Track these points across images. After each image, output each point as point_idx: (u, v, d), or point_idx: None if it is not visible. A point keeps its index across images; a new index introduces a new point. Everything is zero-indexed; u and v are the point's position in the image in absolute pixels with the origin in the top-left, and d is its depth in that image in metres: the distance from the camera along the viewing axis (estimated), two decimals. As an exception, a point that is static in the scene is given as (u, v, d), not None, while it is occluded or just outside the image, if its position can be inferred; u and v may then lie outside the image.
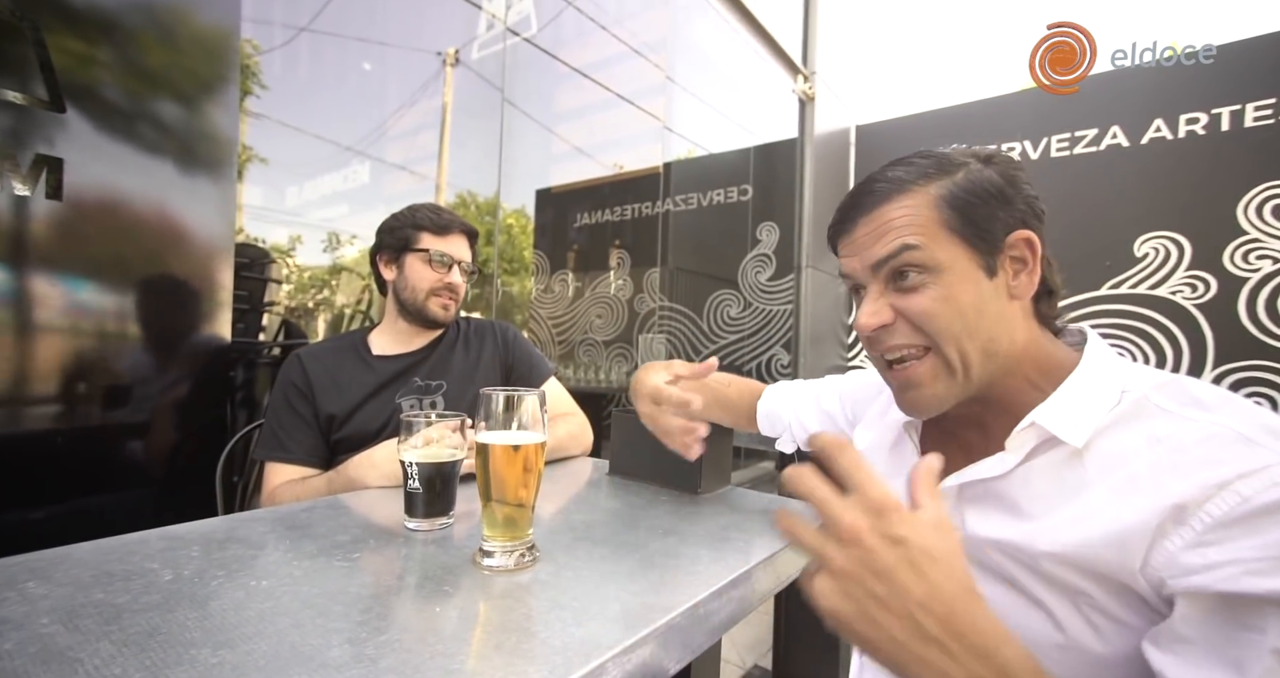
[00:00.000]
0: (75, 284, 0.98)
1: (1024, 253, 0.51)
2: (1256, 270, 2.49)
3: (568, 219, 3.98)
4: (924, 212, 0.51)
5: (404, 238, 1.14)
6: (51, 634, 0.42)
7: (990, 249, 0.51)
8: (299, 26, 2.12)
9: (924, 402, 0.54)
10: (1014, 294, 0.52)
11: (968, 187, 0.51)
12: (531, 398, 0.60)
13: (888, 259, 0.52)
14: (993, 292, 0.51)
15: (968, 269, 0.50)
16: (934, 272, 0.51)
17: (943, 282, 0.50)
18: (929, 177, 0.52)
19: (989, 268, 0.51)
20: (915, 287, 0.51)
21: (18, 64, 0.88)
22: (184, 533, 0.65)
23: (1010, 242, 0.51)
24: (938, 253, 0.50)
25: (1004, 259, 0.51)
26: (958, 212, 0.51)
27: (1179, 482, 0.41)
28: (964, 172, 0.52)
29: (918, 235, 0.51)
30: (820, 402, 0.83)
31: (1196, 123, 2.65)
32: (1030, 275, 0.52)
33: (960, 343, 0.51)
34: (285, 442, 1.03)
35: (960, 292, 0.50)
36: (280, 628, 0.44)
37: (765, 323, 3.92)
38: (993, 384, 0.53)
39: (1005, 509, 0.50)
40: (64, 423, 0.97)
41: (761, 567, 0.62)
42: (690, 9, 3.31)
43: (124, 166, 1.02)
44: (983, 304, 0.50)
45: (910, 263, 0.51)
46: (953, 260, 0.50)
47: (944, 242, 0.51)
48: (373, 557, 0.61)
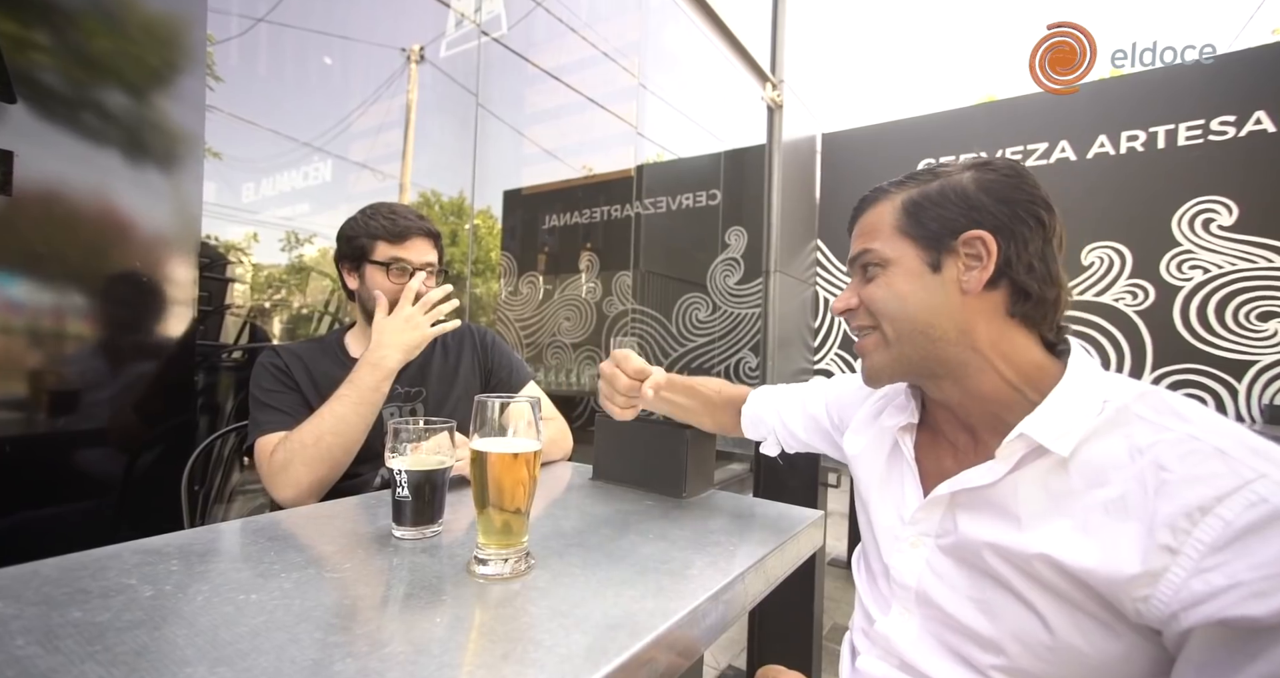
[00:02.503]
0: (27, 284, 0.92)
1: (978, 250, 0.55)
2: (1189, 279, 2.67)
3: (536, 221, 3.95)
4: (886, 217, 0.61)
5: (360, 248, 1.09)
6: (30, 657, 0.40)
7: (935, 246, 0.57)
8: (256, 17, 2.05)
9: (871, 369, 0.63)
10: (963, 288, 0.56)
11: (930, 192, 0.58)
12: (527, 405, 0.60)
13: (856, 257, 0.63)
14: (937, 284, 0.57)
15: (912, 264, 0.58)
16: (883, 266, 0.60)
17: (888, 273, 0.60)
18: (903, 186, 0.61)
19: (933, 263, 0.57)
20: (873, 278, 0.61)
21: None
22: (160, 546, 0.62)
23: (962, 239, 0.56)
24: (887, 251, 0.60)
25: (954, 256, 0.56)
26: (909, 215, 0.59)
27: (1167, 505, 0.44)
28: (941, 180, 0.58)
29: (876, 239, 0.61)
30: (806, 406, 0.85)
31: (1136, 140, 2.83)
32: (982, 272, 0.55)
33: (896, 324, 0.59)
34: (283, 408, 0.99)
35: (900, 282, 0.59)
36: (278, 643, 0.43)
37: (734, 326, 3.98)
38: (961, 375, 0.57)
39: (997, 514, 0.53)
40: (14, 430, 0.92)
41: (753, 571, 0.64)
42: (662, 14, 3.34)
43: (77, 160, 0.97)
44: (922, 293, 0.58)
45: (869, 261, 0.61)
46: (900, 257, 0.59)
47: (894, 241, 0.59)
48: (363, 567, 0.60)
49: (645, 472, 0.96)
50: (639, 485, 0.96)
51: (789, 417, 0.87)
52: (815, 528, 0.84)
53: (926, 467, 0.63)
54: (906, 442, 0.64)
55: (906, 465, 0.63)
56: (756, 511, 0.87)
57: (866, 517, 0.68)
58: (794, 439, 0.88)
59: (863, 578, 0.69)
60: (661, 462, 0.94)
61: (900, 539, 0.61)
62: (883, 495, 0.66)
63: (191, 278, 1.14)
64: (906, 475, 0.63)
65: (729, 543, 0.71)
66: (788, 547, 0.74)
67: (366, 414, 0.96)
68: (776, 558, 0.70)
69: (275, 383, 1.04)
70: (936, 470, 0.61)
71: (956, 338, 0.56)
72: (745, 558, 0.65)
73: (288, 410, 1.00)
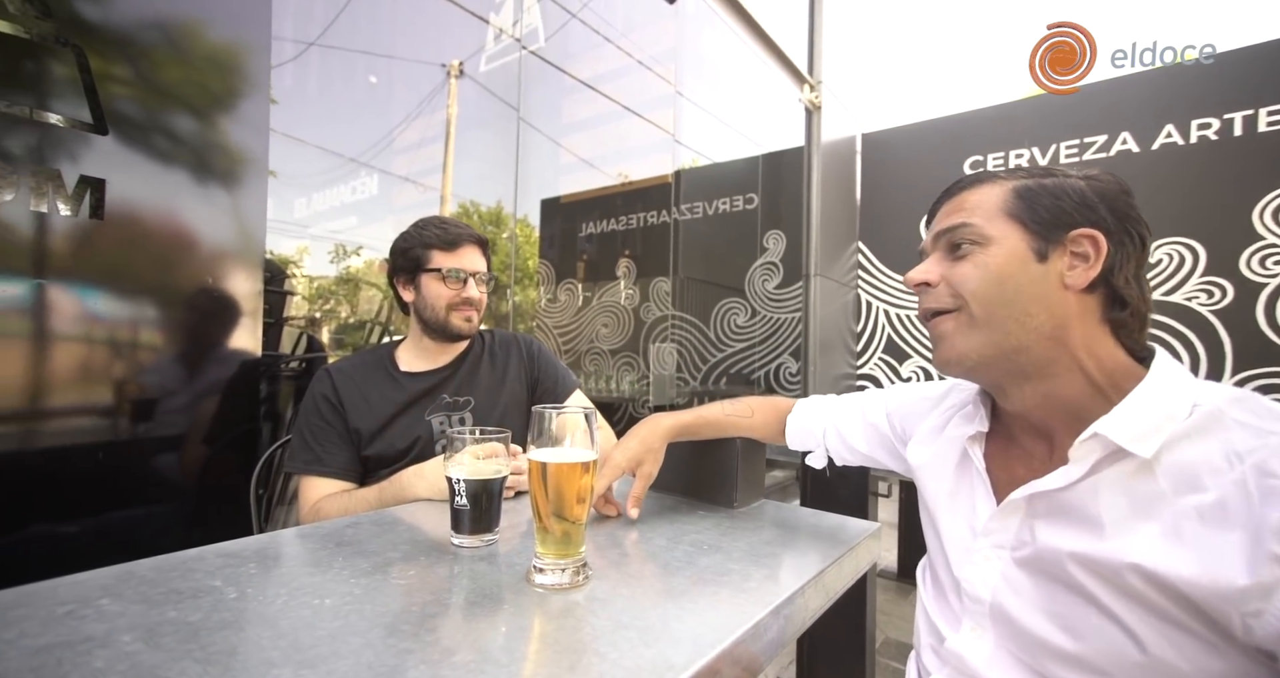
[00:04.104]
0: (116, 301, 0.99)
1: (1086, 249, 0.54)
2: (1274, 276, 2.49)
3: (574, 228, 4.00)
4: (993, 197, 0.58)
5: (416, 258, 1.14)
6: (136, 653, 0.43)
7: (1046, 236, 0.55)
8: (308, 41, 2.16)
9: (952, 351, 0.59)
10: (1066, 283, 0.54)
11: (1046, 184, 0.57)
12: (583, 415, 0.61)
13: (947, 231, 0.60)
14: (1040, 273, 0.55)
15: (1016, 247, 0.56)
16: (983, 244, 0.57)
17: (987, 252, 0.57)
18: (1014, 174, 0.59)
19: (1040, 251, 0.55)
20: (964, 255, 0.58)
21: (58, 87, 0.90)
22: (238, 550, 0.66)
23: (1072, 236, 0.55)
24: (990, 229, 0.57)
25: (1061, 250, 0.55)
26: (1023, 200, 0.57)
27: (1277, 512, 0.41)
28: (1055, 178, 0.57)
29: (976, 215, 0.58)
30: (866, 415, 0.83)
31: (1209, 128, 2.66)
32: (1088, 271, 0.54)
33: (990, 306, 0.56)
34: (321, 455, 1.04)
35: (1000, 263, 0.56)
36: (354, 648, 0.45)
37: (773, 331, 3.93)
38: (1046, 376, 0.55)
39: (1079, 522, 0.50)
40: (104, 436, 0.98)
41: (812, 584, 0.62)
42: (698, 20, 3.35)
43: (159, 185, 1.04)
44: (1023, 279, 0.55)
45: (964, 236, 0.58)
46: (1003, 237, 0.56)
47: (1000, 221, 0.57)
48: (427, 574, 0.61)
49: (695, 481, 0.95)
50: (688, 495, 0.96)
51: (846, 428, 0.85)
52: (873, 541, 0.82)
53: (998, 477, 0.60)
54: (976, 451, 0.62)
55: (977, 476, 0.61)
56: (810, 522, 0.86)
57: (934, 529, 0.66)
58: (851, 452, 0.85)
59: (929, 593, 0.67)
60: (712, 471, 0.93)
61: (971, 551, 0.59)
62: (952, 507, 0.64)
63: (256, 291, 1.20)
64: (977, 486, 0.61)
65: (785, 555, 0.69)
66: (845, 561, 0.72)
67: (389, 503, 0.97)
68: (835, 572, 0.69)
69: (320, 419, 1.08)
70: (1009, 481, 0.59)
71: (1050, 331, 0.54)
72: (803, 571, 0.64)
73: (325, 460, 1.05)
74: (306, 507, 1.01)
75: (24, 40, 0.84)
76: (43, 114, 0.86)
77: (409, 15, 2.52)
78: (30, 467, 0.91)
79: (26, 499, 0.92)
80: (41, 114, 0.86)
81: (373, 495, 0.96)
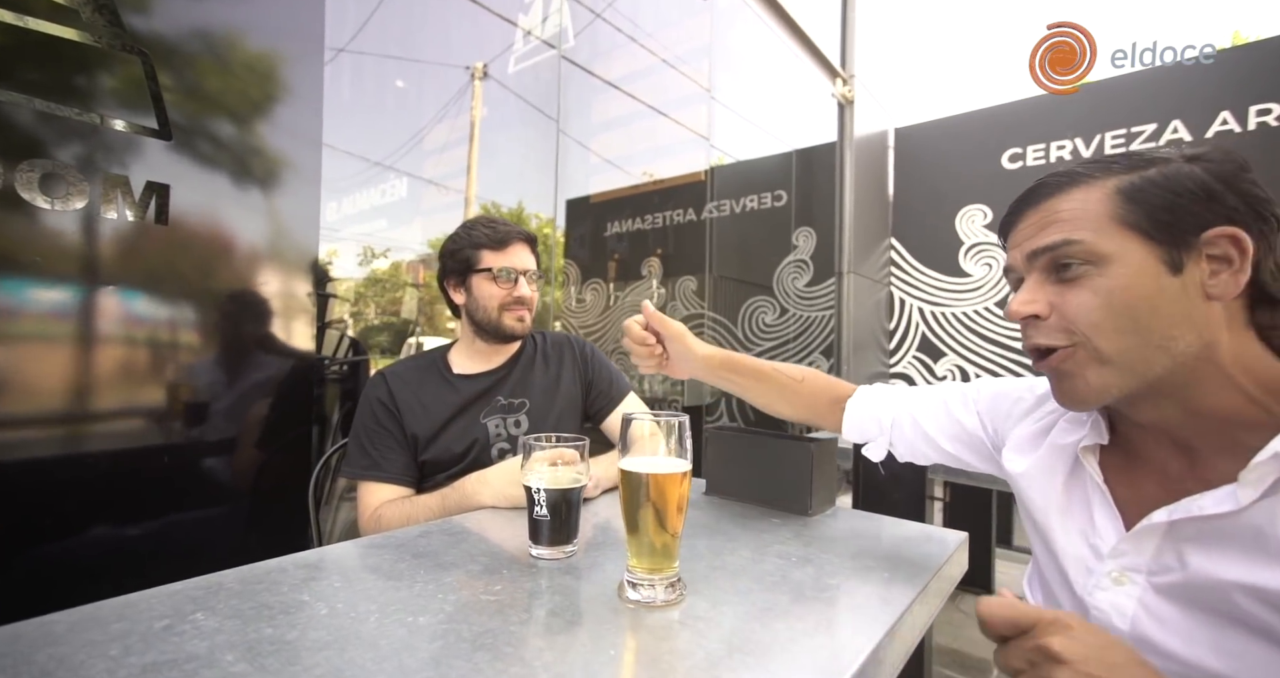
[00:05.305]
0: (179, 304, 0.99)
1: (1227, 250, 0.48)
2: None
3: (600, 228, 3.98)
4: (1094, 204, 0.50)
5: (465, 259, 1.12)
6: (241, 673, 0.41)
7: (1175, 243, 0.48)
8: (338, 47, 2.17)
9: (1079, 392, 0.52)
10: (1211, 294, 0.48)
11: (1155, 179, 0.49)
12: (677, 422, 0.58)
13: (1045, 250, 0.52)
14: (1178, 288, 0.48)
15: (1143, 263, 0.49)
16: (1098, 264, 0.49)
17: (1108, 274, 0.49)
18: (1110, 171, 0.51)
19: (1173, 263, 0.48)
20: (1076, 278, 0.50)
21: (124, 94, 0.90)
22: (316, 560, 0.64)
23: (1207, 238, 0.48)
24: (1103, 245, 0.49)
25: (1197, 256, 0.48)
26: (1135, 203, 0.49)
27: None
28: (1157, 167, 0.50)
29: (1082, 228, 0.50)
30: (951, 410, 0.76)
31: (1269, 113, 2.54)
32: (1235, 276, 0.48)
33: (1120, 338, 0.49)
34: (379, 461, 1.03)
35: (1127, 285, 0.48)
36: (462, 673, 0.43)
37: (803, 329, 3.87)
38: (1191, 393, 0.50)
39: (1248, 549, 0.46)
40: (169, 439, 0.99)
41: (920, 600, 0.59)
42: (730, 16, 3.30)
43: (220, 190, 1.04)
44: (1159, 300, 0.48)
45: (1073, 256, 0.50)
46: (1123, 253, 0.49)
47: (1113, 234, 0.49)
48: (513, 589, 0.59)
49: (765, 487, 0.92)
50: (758, 501, 0.92)
51: (928, 421, 0.77)
52: (962, 552, 0.77)
53: (1120, 494, 0.56)
54: (1092, 463, 0.57)
55: (1096, 490, 0.57)
56: (892, 531, 0.81)
57: (1045, 545, 0.62)
58: (930, 446, 0.77)
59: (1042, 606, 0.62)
60: (783, 476, 0.90)
61: (1097, 573, 0.54)
62: (1065, 523, 0.59)
63: (308, 294, 1.20)
64: (1096, 502, 0.56)
65: (883, 569, 0.66)
66: (943, 573, 0.68)
67: (452, 511, 0.95)
68: (936, 586, 0.65)
69: (376, 424, 1.06)
70: (1135, 498, 0.54)
71: (1199, 351, 0.48)
72: (907, 586, 0.60)
73: (383, 465, 1.04)
74: (367, 513, 1.00)
75: (94, 48, 0.84)
76: (111, 121, 0.86)
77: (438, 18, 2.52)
78: (97, 468, 0.92)
79: (90, 502, 0.92)
80: (110, 121, 0.86)
81: (435, 503, 0.94)
